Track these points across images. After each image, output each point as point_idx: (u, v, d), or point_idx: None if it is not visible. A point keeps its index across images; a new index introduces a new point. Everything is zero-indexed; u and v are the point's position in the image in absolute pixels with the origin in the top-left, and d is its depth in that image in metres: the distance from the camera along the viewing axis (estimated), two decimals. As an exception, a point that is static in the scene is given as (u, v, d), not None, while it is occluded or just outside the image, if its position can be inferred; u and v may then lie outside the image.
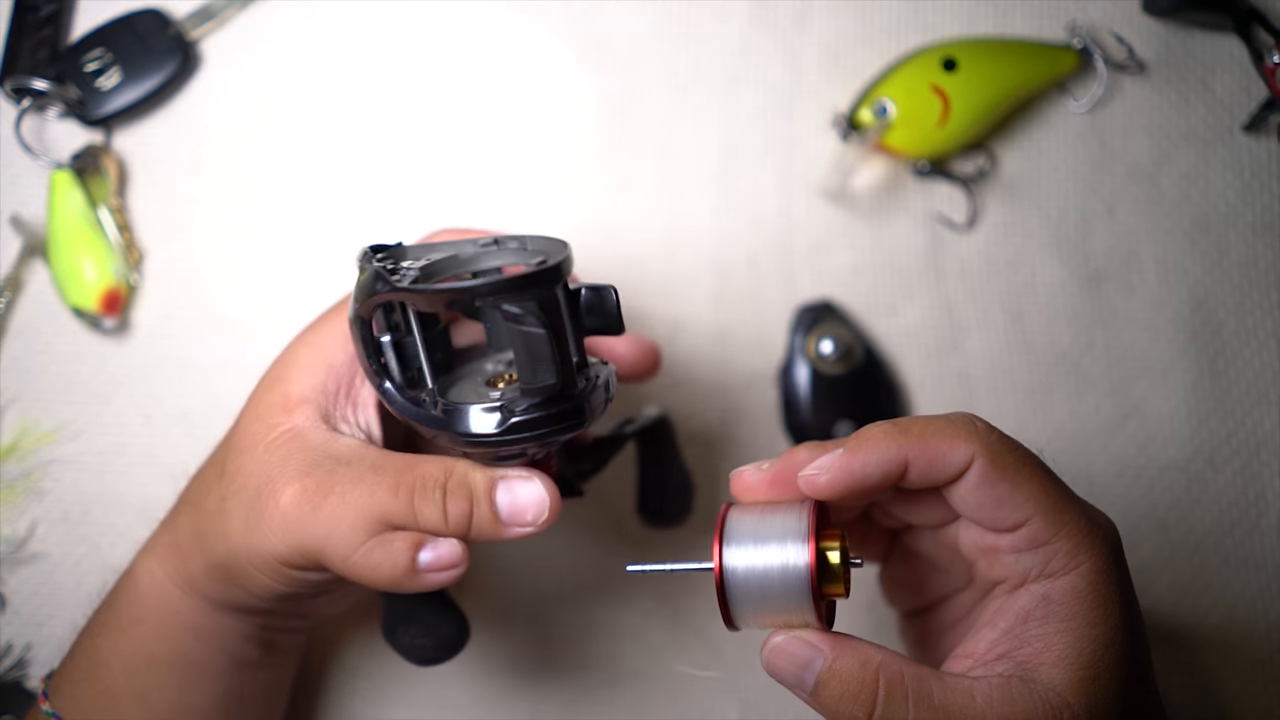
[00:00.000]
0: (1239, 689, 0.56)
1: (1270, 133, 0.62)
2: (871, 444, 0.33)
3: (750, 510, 0.34)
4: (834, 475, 0.33)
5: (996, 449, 0.32)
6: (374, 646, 0.55)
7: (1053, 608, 0.32)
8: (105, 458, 0.56)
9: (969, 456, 0.32)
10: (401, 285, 0.36)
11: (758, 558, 0.32)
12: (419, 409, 0.39)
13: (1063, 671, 0.31)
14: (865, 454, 0.33)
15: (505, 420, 0.36)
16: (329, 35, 0.60)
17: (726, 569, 0.33)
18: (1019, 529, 0.32)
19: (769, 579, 0.32)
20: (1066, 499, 0.33)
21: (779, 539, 0.33)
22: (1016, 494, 0.32)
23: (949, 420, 0.33)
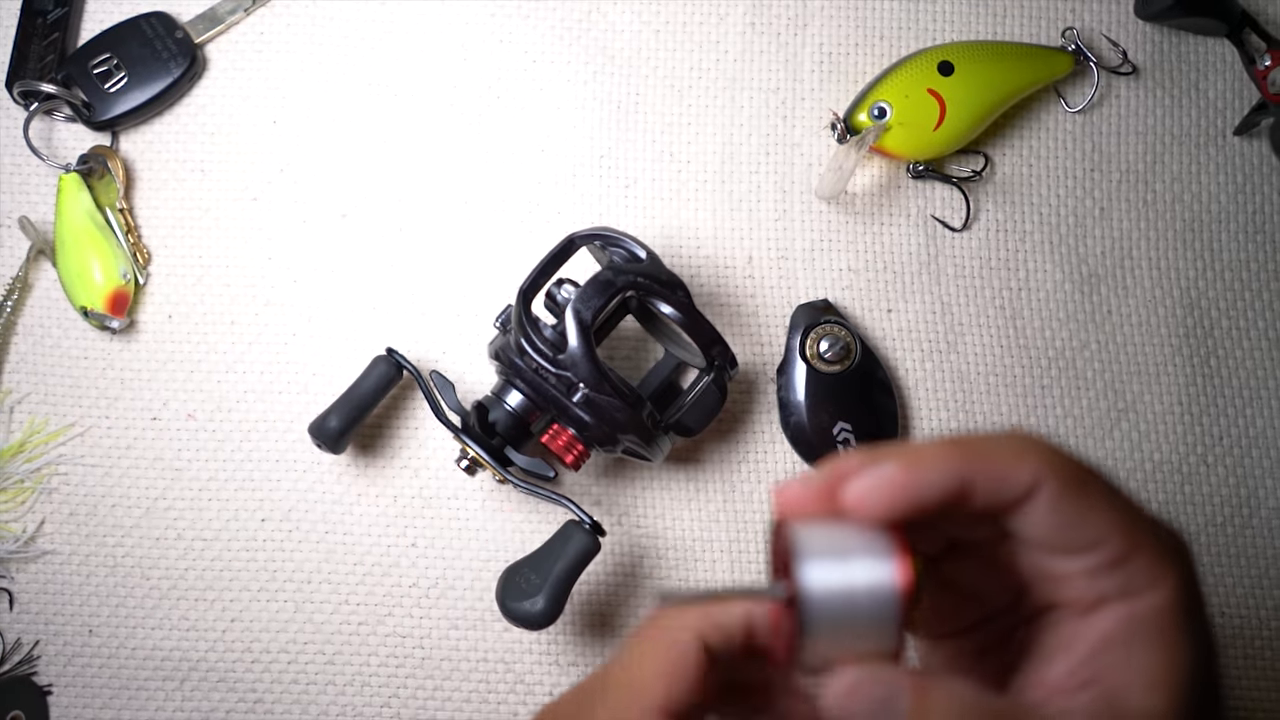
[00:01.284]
0: (1233, 682, 0.57)
1: (1261, 136, 0.62)
2: (931, 461, 0.29)
3: (815, 525, 0.29)
4: (891, 495, 0.28)
5: (1066, 467, 0.29)
6: None
7: (1138, 628, 0.29)
8: (112, 456, 0.57)
9: (1035, 477, 0.29)
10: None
11: (839, 575, 0.27)
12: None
13: (1157, 696, 0.28)
14: (924, 472, 0.29)
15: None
16: (333, 40, 0.61)
17: (805, 591, 0.27)
18: (1093, 550, 0.29)
19: (854, 600, 0.27)
20: (1139, 515, 0.30)
21: (861, 553, 0.27)
22: (1090, 514, 0.29)
23: (1010, 437, 0.30)
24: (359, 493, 0.57)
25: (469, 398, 0.56)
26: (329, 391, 0.56)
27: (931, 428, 0.59)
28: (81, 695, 0.55)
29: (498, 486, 0.57)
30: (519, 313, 0.50)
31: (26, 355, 0.58)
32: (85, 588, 0.56)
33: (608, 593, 0.57)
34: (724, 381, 0.53)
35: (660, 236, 0.60)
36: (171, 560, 0.56)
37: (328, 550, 0.56)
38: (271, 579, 0.56)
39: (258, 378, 0.58)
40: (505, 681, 0.56)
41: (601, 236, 0.53)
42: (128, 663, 0.55)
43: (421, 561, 0.56)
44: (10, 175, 0.59)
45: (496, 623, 0.56)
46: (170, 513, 0.56)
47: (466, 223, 0.60)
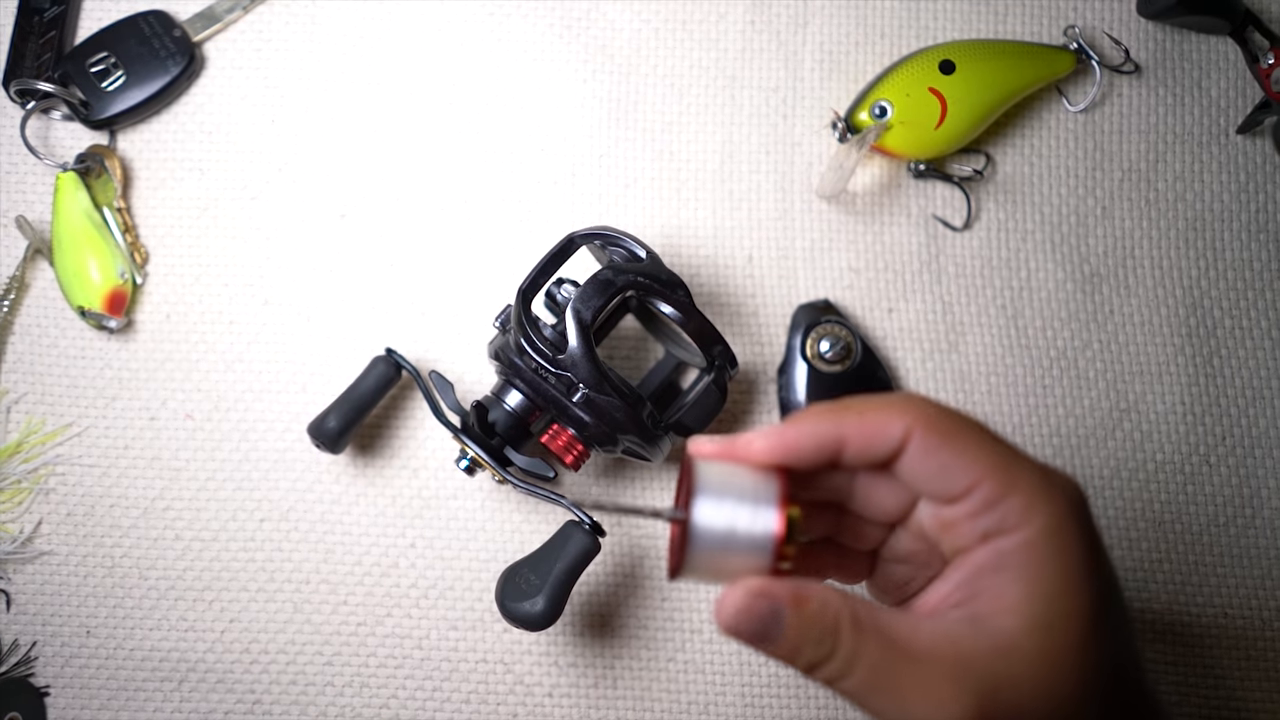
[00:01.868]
0: (1235, 683, 0.57)
1: (1264, 134, 0.62)
2: (808, 418, 0.33)
3: (716, 465, 0.34)
4: (769, 442, 0.33)
5: (933, 418, 0.32)
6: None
7: (1005, 559, 0.32)
8: (110, 457, 0.57)
9: (905, 429, 0.32)
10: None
11: (727, 508, 0.32)
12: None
13: (1013, 618, 0.31)
14: (800, 426, 0.33)
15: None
16: (332, 39, 0.61)
17: (696, 512, 0.32)
18: (971, 493, 0.32)
19: (736, 528, 0.32)
20: (1015, 458, 0.33)
21: (750, 490, 0.32)
22: (961, 458, 0.32)
23: (885, 397, 0.34)
24: (358, 493, 0.57)
25: (469, 398, 0.56)
26: (328, 391, 0.56)
27: (933, 428, 0.59)
28: (79, 696, 0.54)
29: (497, 487, 0.57)
30: (519, 312, 0.50)
31: (24, 355, 0.57)
32: (83, 588, 0.55)
33: (608, 593, 0.56)
34: (724, 381, 0.53)
35: (660, 236, 0.60)
36: (169, 560, 0.56)
37: (326, 550, 0.56)
38: (270, 579, 0.56)
39: (256, 377, 0.58)
40: (505, 682, 0.55)
41: (601, 236, 0.52)
42: (125, 663, 0.55)
43: (421, 562, 0.56)
44: (7, 174, 0.59)
45: (496, 623, 0.56)
46: (168, 513, 0.56)
47: (466, 223, 0.60)
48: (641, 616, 0.56)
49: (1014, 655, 0.31)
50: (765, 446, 0.33)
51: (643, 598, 0.56)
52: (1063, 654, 0.31)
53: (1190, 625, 0.57)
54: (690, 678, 0.56)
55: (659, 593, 0.57)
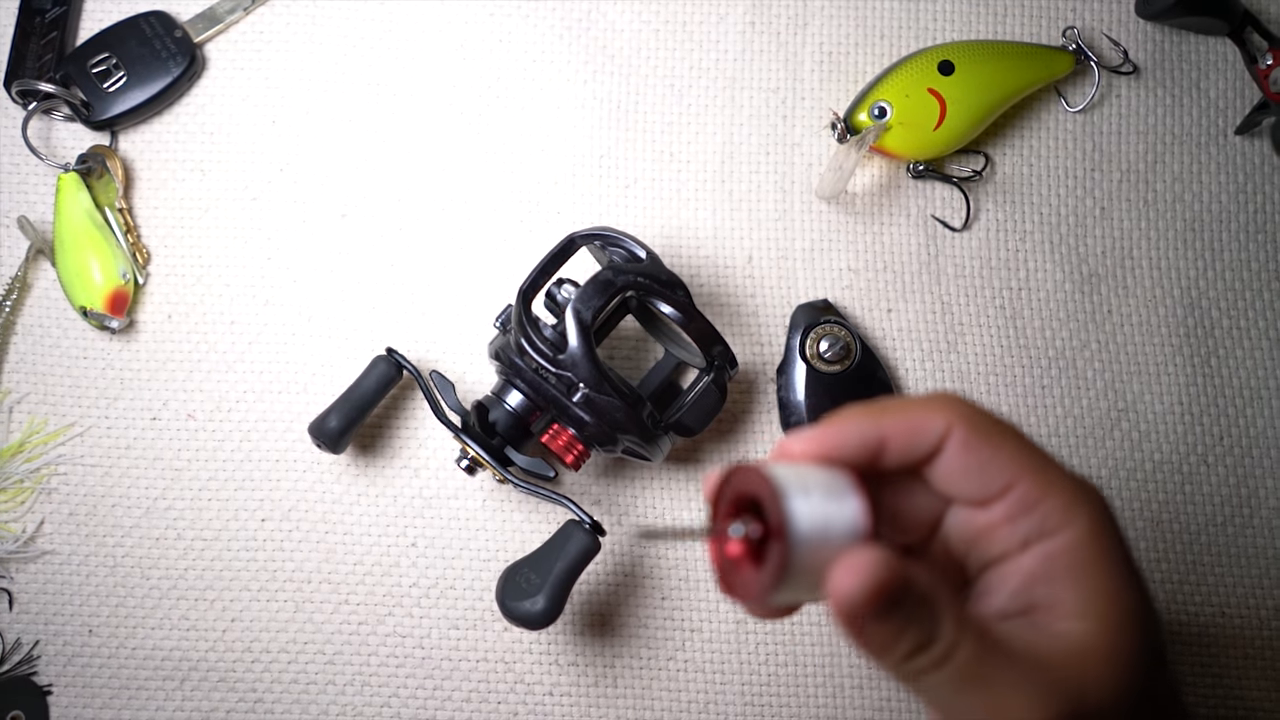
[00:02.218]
0: (1233, 682, 0.57)
1: (1262, 135, 0.62)
2: (849, 417, 0.33)
3: (782, 466, 0.31)
4: (807, 443, 0.32)
5: (973, 417, 0.32)
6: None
7: (1055, 564, 0.31)
8: (112, 456, 0.57)
9: (946, 425, 0.32)
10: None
11: (814, 500, 0.30)
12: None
13: (1082, 622, 0.31)
14: (841, 425, 0.33)
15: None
16: (333, 40, 0.61)
17: (794, 517, 0.29)
18: (1007, 493, 0.32)
19: (830, 528, 0.30)
20: (1049, 462, 0.32)
21: (826, 483, 0.31)
22: (999, 456, 0.32)
23: (926, 396, 0.33)
24: (359, 493, 0.57)
25: (469, 398, 0.56)
26: (329, 391, 0.56)
27: (932, 428, 0.59)
28: (81, 695, 0.55)
29: (498, 486, 0.57)
30: (519, 313, 0.50)
31: (26, 355, 0.58)
32: (85, 588, 0.56)
33: (608, 593, 0.57)
34: (724, 381, 0.53)
35: (660, 236, 0.60)
36: (171, 560, 0.56)
37: (328, 550, 0.56)
38: (271, 579, 0.56)
39: (257, 377, 0.58)
40: (505, 681, 0.56)
41: (601, 236, 0.53)
42: (128, 663, 0.55)
43: (421, 561, 0.56)
44: (9, 175, 0.59)
45: (496, 623, 0.56)
46: (170, 513, 0.56)
47: (466, 223, 0.60)
48: (641, 616, 0.57)
49: (1092, 658, 0.31)
50: (806, 447, 0.32)
51: (643, 597, 0.57)
52: (1135, 653, 0.31)
53: (1188, 624, 0.58)
54: (690, 677, 0.56)
55: (659, 592, 0.57)
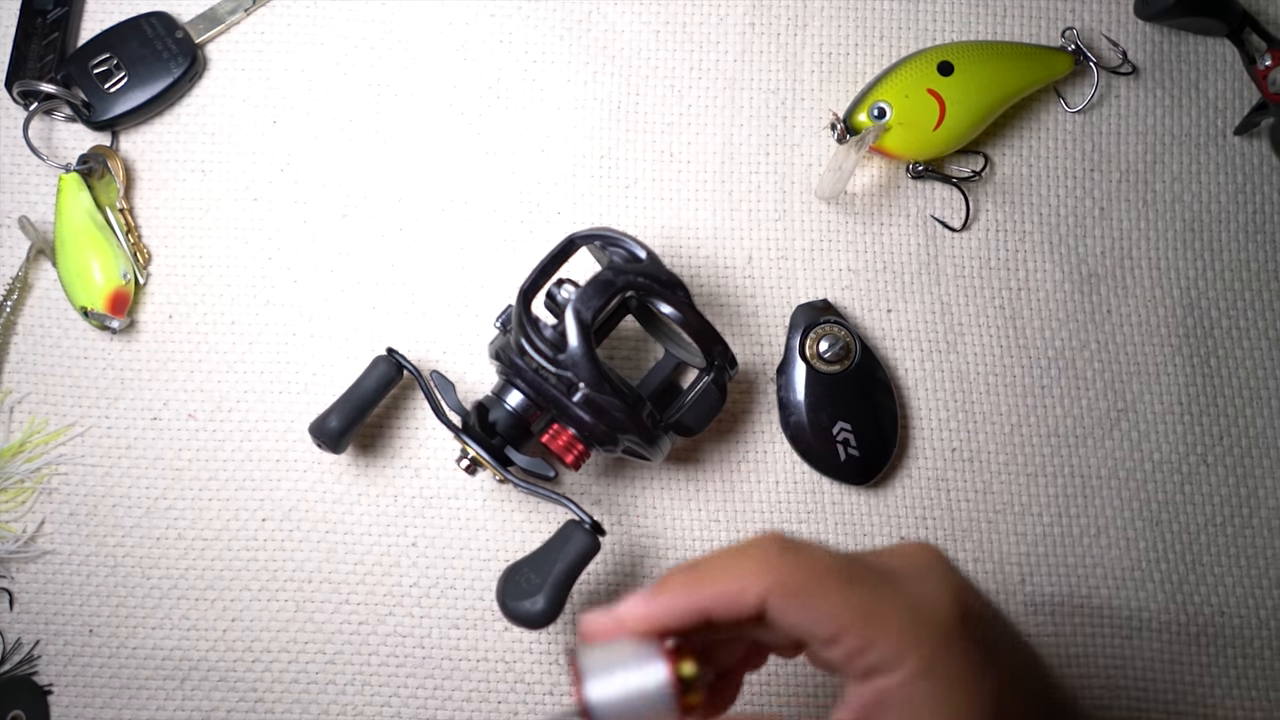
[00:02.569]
0: (1231, 682, 0.57)
1: (1261, 135, 0.62)
2: (670, 589, 0.34)
3: (597, 648, 0.35)
4: (636, 615, 0.34)
5: (785, 579, 0.34)
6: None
7: (888, 698, 0.34)
8: (113, 456, 0.57)
9: (758, 595, 0.33)
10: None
11: (618, 682, 0.33)
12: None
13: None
14: (666, 599, 0.34)
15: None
16: (333, 40, 0.61)
17: (590, 699, 0.33)
18: (838, 640, 0.34)
19: (631, 698, 0.33)
20: (878, 601, 0.34)
21: (634, 655, 0.34)
22: (818, 614, 0.33)
23: (740, 555, 0.35)
24: (359, 493, 0.57)
25: (469, 398, 0.57)
26: (329, 391, 0.56)
27: (931, 428, 0.59)
28: (82, 695, 0.55)
29: (498, 486, 0.57)
30: (519, 313, 0.50)
31: (26, 355, 0.58)
32: (85, 587, 0.56)
33: (608, 593, 0.57)
34: (724, 381, 0.53)
35: (660, 236, 0.60)
36: (172, 560, 0.56)
37: (328, 550, 0.56)
38: (272, 579, 0.56)
39: (258, 377, 0.58)
40: (505, 681, 0.56)
41: (601, 236, 0.53)
42: (128, 662, 0.55)
43: (422, 561, 0.57)
44: (10, 175, 0.59)
45: (496, 623, 0.56)
46: (170, 512, 0.56)
47: (467, 223, 0.60)
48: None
49: None
50: (636, 621, 0.34)
51: (643, 597, 0.57)
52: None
53: (1187, 624, 0.58)
54: (690, 676, 0.56)
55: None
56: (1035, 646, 0.39)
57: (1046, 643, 0.57)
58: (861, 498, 0.58)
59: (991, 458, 0.59)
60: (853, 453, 0.57)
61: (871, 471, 0.57)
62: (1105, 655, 0.57)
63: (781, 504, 0.58)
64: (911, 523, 0.58)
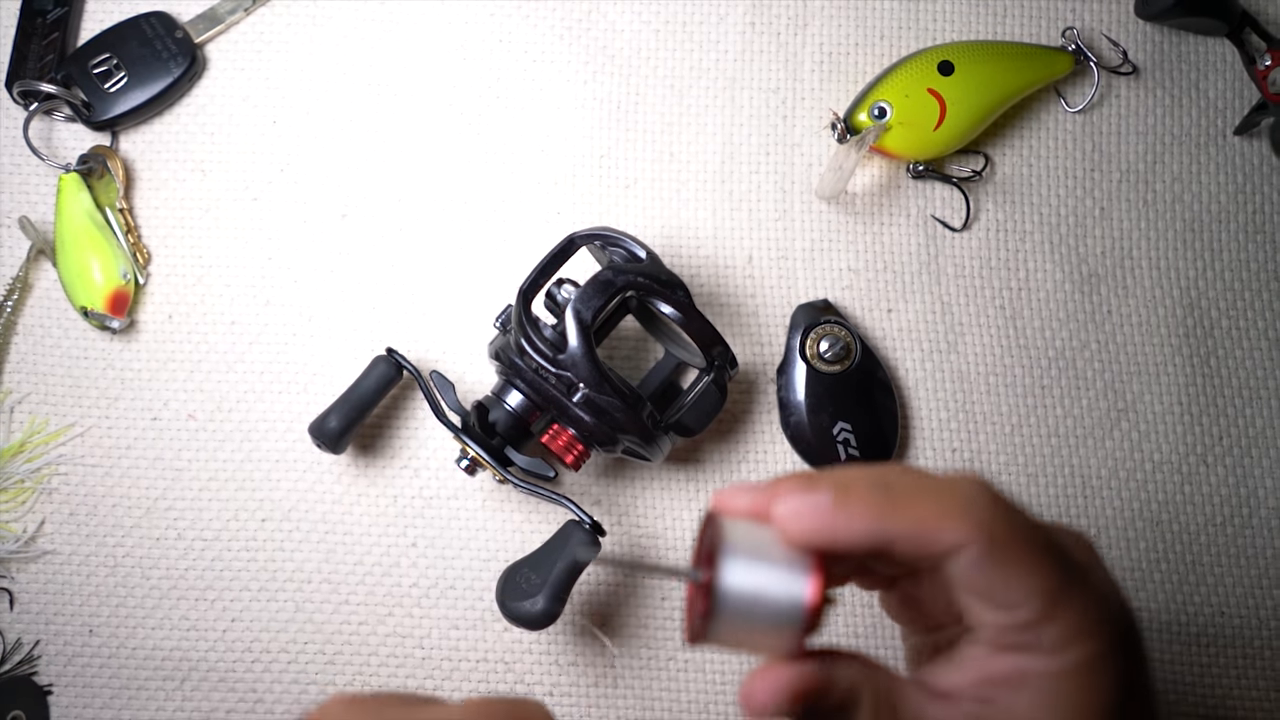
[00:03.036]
0: (1231, 682, 0.57)
1: (1261, 135, 0.62)
2: (859, 507, 0.30)
3: (742, 526, 0.31)
4: (812, 527, 0.30)
5: (994, 533, 0.30)
6: (378, 642, 0.55)
7: (1028, 680, 0.31)
8: (113, 457, 0.57)
9: (959, 539, 0.30)
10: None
11: (755, 578, 0.30)
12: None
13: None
14: (849, 518, 0.30)
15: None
16: (333, 40, 0.61)
17: (723, 583, 0.30)
18: (1010, 610, 0.31)
19: (762, 604, 0.30)
20: (1068, 582, 0.31)
21: (781, 556, 0.30)
22: (1012, 579, 0.30)
23: (947, 491, 0.30)
24: (359, 493, 0.57)
25: (469, 398, 0.57)
26: (329, 391, 0.56)
27: (931, 428, 0.59)
28: (82, 695, 0.55)
29: (498, 486, 0.57)
30: (519, 313, 0.50)
31: (27, 355, 0.58)
32: (85, 588, 0.56)
33: (608, 593, 0.57)
34: (724, 381, 0.53)
35: (660, 236, 0.60)
36: (172, 560, 0.56)
37: (328, 550, 0.56)
38: (272, 579, 0.56)
39: (258, 378, 0.58)
40: (505, 681, 0.56)
41: (601, 236, 0.53)
42: (128, 662, 0.55)
43: (422, 561, 0.57)
44: (10, 175, 0.59)
45: (496, 623, 0.56)
46: (170, 513, 0.56)
47: (466, 223, 0.60)
48: (641, 616, 0.57)
49: None
50: (804, 530, 0.30)
51: (643, 597, 0.57)
52: None
53: (1187, 624, 0.58)
54: (690, 677, 0.56)
55: (659, 592, 0.57)
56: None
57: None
58: (861, 498, 0.58)
59: (992, 458, 0.59)
60: (853, 453, 0.57)
61: (871, 471, 0.57)
62: (1105, 655, 0.57)
63: (781, 504, 0.58)
64: (911, 523, 0.58)
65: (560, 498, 0.52)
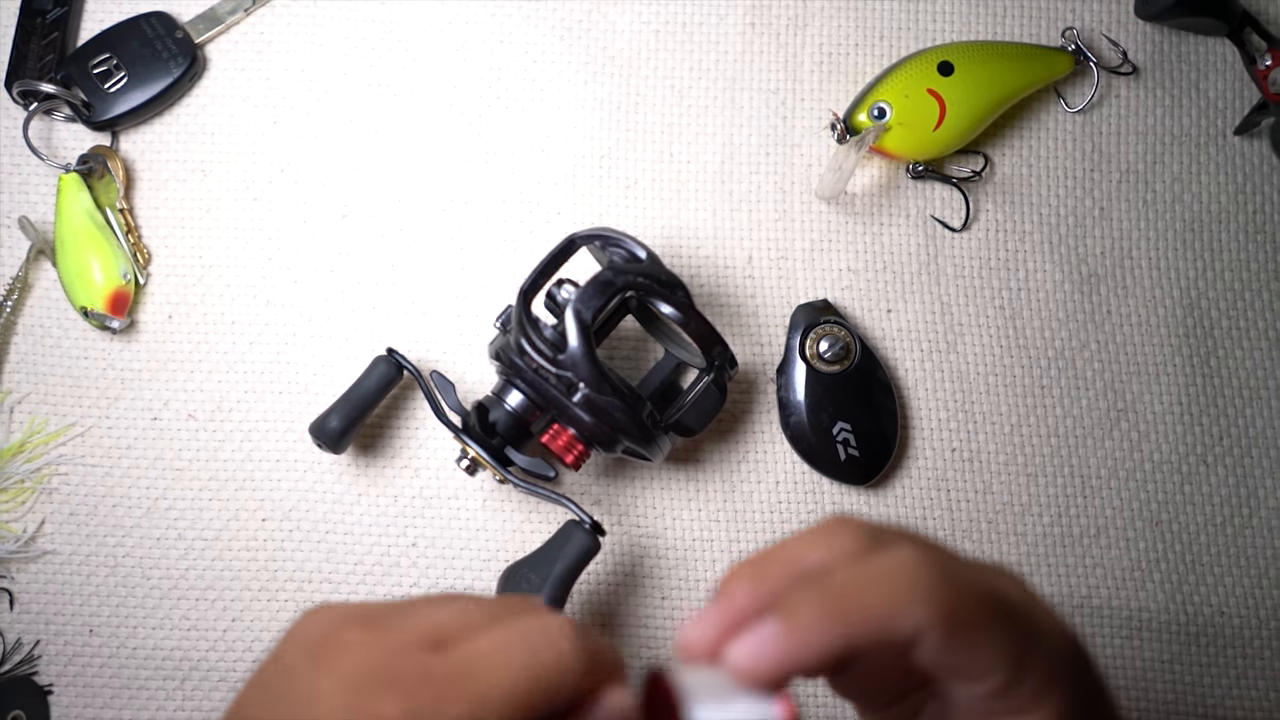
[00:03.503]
0: (1231, 682, 0.57)
1: (1261, 135, 0.62)
2: (810, 630, 0.28)
3: (695, 672, 0.29)
4: (769, 671, 0.29)
5: (951, 613, 0.29)
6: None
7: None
8: (113, 456, 0.57)
9: (917, 627, 0.29)
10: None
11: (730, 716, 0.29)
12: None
13: None
14: (804, 643, 0.28)
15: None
16: (333, 40, 0.61)
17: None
18: (981, 680, 0.30)
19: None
20: (1029, 637, 0.31)
21: (745, 699, 0.29)
22: (976, 652, 0.30)
23: (894, 576, 0.29)
24: (359, 493, 0.57)
25: (469, 398, 0.57)
26: (329, 391, 0.56)
27: (931, 428, 0.59)
28: (82, 695, 0.55)
29: (498, 486, 0.57)
30: (519, 313, 0.50)
31: (26, 355, 0.58)
32: (86, 588, 0.56)
33: (608, 593, 0.57)
34: (724, 381, 0.53)
35: (660, 236, 0.60)
36: (172, 560, 0.56)
37: (328, 550, 0.56)
38: (272, 579, 0.56)
39: (258, 378, 0.58)
40: (505, 681, 0.56)
41: (601, 236, 0.53)
42: (128, 662, 0.55)
43: (422, 561, 0.57)
44: (10, 175, 0.59)
45: (497, 622, 0.56)
46: (171, 513, 0.56)
47: (467, 223, 0.60)
48: (641, 616, 0.57)
49: None
50: (762, 672, 0.28)
51: (643, 597, 0.57)
52: None
53: (1187, 624, 0.58)
54: (690, 676, 0.56)
55: (659, 592, 0.57)
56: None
57: (1046, 643, 0.57)
58: (862, 498, 0.58)
59: (991, 458, 0.59)
60: (853, 453, 0.57)
61: (871, 472, 0.57)
62: (1105, 655, 0.57)
63: (782, 504, 0.58)
64: (911, 523, 0.58)
65: (560, 498, 0.52)
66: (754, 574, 0.30)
